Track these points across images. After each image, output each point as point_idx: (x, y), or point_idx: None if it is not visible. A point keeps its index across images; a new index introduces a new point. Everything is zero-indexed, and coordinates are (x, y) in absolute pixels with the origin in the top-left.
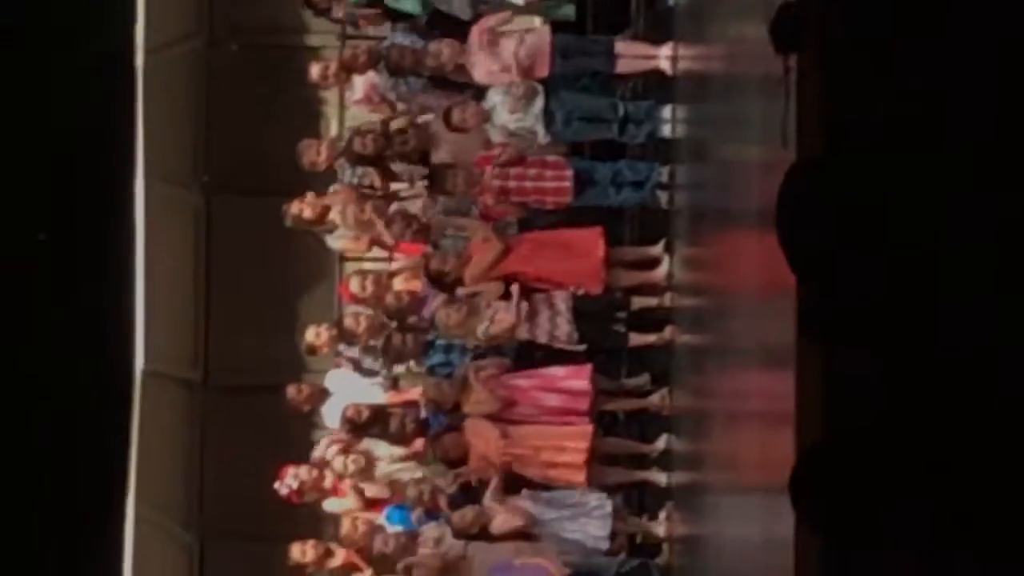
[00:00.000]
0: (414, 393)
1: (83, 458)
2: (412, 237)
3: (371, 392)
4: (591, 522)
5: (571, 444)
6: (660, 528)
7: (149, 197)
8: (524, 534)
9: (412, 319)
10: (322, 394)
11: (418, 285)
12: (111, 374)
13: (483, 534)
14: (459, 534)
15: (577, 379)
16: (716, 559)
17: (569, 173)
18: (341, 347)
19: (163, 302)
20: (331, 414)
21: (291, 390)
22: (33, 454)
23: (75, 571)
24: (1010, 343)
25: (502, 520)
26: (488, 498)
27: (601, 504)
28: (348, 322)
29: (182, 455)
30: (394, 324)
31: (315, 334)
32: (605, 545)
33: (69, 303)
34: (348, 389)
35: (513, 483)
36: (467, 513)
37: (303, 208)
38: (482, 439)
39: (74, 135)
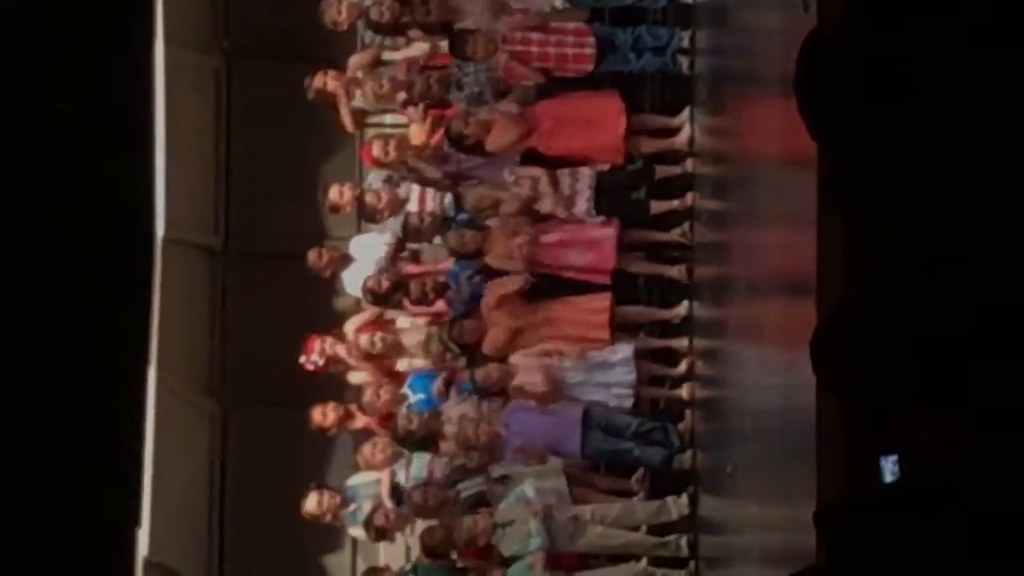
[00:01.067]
0: (434, 264)
1: (105, 327)
2: (434, 94)
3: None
4: (616, 389)
5: (592, 314)
6: (683, 392)
7: (169, 63)
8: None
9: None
10: (343, 259)
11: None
12: (131, 242)
13: (504, 393)
14: (482, 392)
15: (602, 228)
16: (738, 423)
17: (592, 40)
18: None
19: (183, 169)
20: (352, 281)
21: (312, 255)
22: (54, 323)
23: (97, 441)
24: None
25: (524, 379)
26: (515, 357)
27: (626, 358)
28: (369, 198)
29: (203, 323)
30: (412, 175)
31: (338, 192)
32: (629, 402)
33: (88, 171)
34: (370, 255)
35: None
36: (491, 371)
37: (326, 80)
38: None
39: (95, 2)
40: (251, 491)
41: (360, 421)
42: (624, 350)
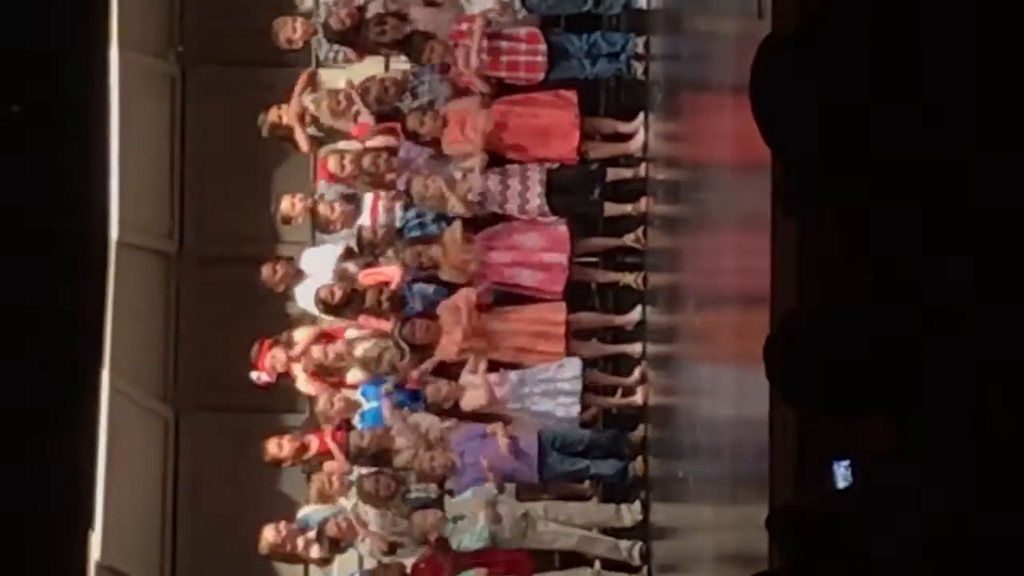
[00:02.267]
0: (388, 272)
1: (58, 331)
2: (390, 99)
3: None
4: (562, 397)
5: (547, 324)
6: (636, 397)
7: (124, 68)
8: (496, 415)
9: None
10: (297, 274)
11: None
12: (85, 245)
13: (455, 410)
14: (432, 408)
15: (553, 252)
16: (691, 429)
17: (543, 48)
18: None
19: (138, 173)
20: (304, 295)
21: (266, 270)
22: (8, 326)
23: (50, 444)
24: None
25: (471, 396)
26: (465, 373)
27: (575, 377)
28: (323, 209)
29: (157, 327)
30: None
31: (290, 204)
32: (575, 409)
33: (42, 175)
34: (322, 269)
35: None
36: (441, 387)
37: (280, 113)
38: (454, 319)
39: (48, 5)
40: (203, 495)
41: (314, 447)
42: (573, 366)
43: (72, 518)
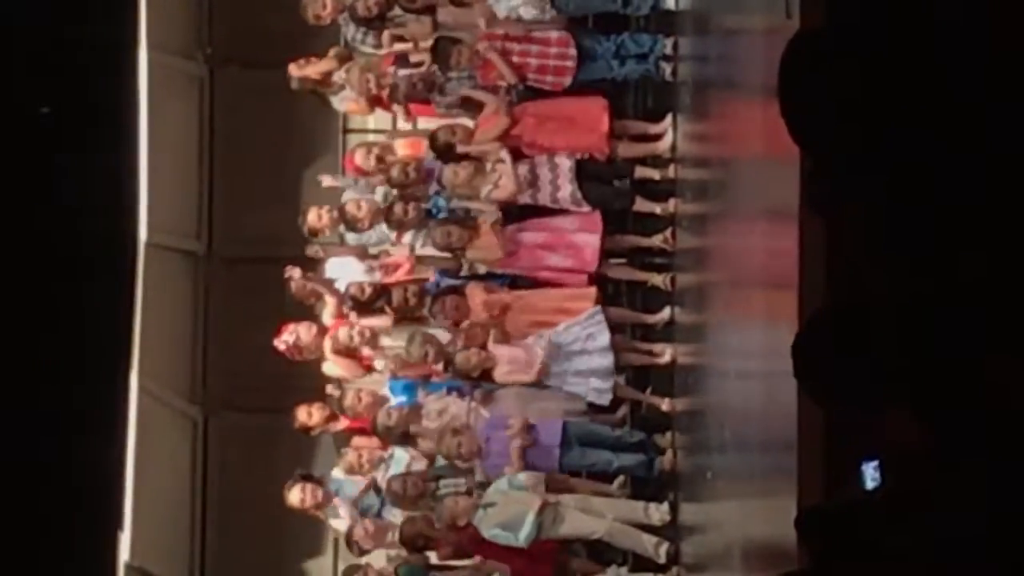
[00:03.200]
0: (399, 260)
1: (87, 331)
2: (417, 97)
3: (370, 278)
4: (594, 380)
5: (573, 305)
6: (663, 403)
7: (152, 69)
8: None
9: (413, 189)
10: (326, 285)
11: (421, 147)
12: (115, 246)
13: (486, 377)
14: (461, 374)
15: (586, 232)
16: (719, 429)
17: (573, 52)
18: (347, 235)
19: (167, 174)
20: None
21: (296, 285)
22: (38, 327)
23: (79, 446)
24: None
25: (506, 371)
26: (491, 342)
27: (604, 347)
28: (350, 208)
29: (185, 328)
30: (395, 192)
31: (317, 216)
32: (607, 397)
33: (72, 176)
34: (348, 277)
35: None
36: (471, 356)
37: (308, 68)
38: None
39: (77, 7)
40: (232, 495)
41: (343, 423)
42: (602, 338)
43: (101, 519)
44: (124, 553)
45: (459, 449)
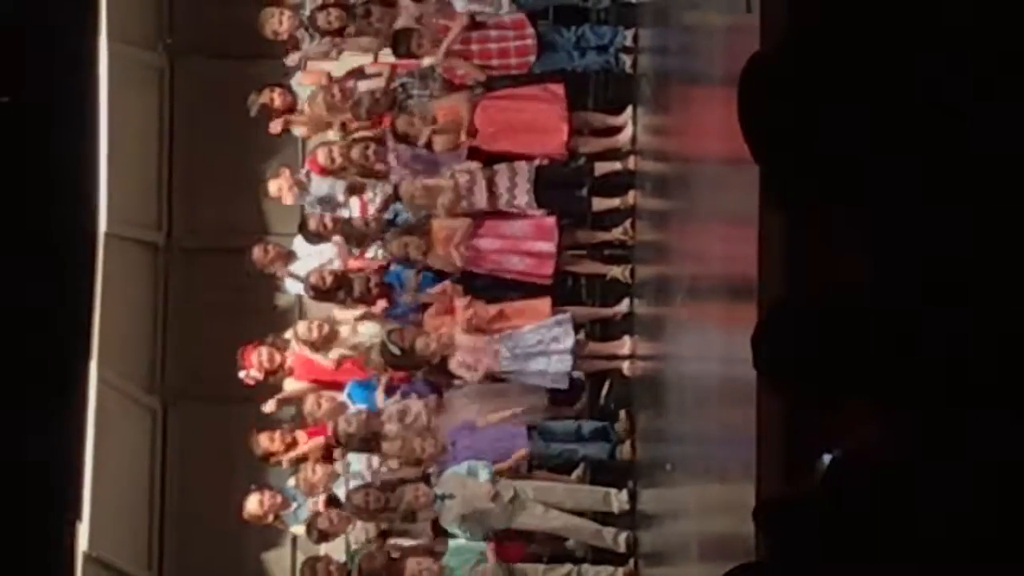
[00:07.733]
0: (375, 260)
1: (46, 321)
2: (379, 111)
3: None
4: (555, 355)
5: (533, 318)
6: (624, 367)
7: (112, 60)
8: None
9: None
10: (288, 256)
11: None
12: (74, 237)
13: (442, 368)
14: (418, 364)
15: (542, 241)
16: (678, 420)
17: (531, 31)
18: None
19: (126, 165)
20: (293, 282)
21: (257, 251)
22: None
23: (37, 436)
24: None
25: (459, 361)
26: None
27: (565, 325)
28: (313, 224)
29: (144, 318)
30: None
31: (277, 187)
32: (565, 381)
33: (30, 166)
34: (313, 253)
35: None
36: (431, 342)
37: (272, 96)
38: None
39: None
40: (191, 486)
41: (303, 442)
42: (567, 341)
43: (60, 509)
44: (83, 543)
45: (422, 451)
